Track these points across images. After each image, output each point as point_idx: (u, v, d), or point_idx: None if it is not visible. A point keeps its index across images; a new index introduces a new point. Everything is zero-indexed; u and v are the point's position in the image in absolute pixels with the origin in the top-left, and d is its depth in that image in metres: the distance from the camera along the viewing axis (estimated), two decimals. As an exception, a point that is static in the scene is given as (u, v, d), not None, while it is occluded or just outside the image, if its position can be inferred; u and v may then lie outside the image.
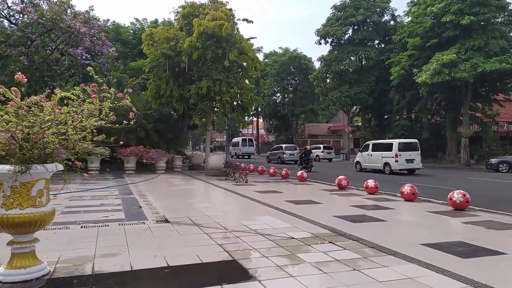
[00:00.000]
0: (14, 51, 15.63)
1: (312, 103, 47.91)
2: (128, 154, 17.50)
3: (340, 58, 33.99)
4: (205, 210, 7.67)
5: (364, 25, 34.43)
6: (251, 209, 8.02)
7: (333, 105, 38.89)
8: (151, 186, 12.34)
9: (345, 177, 12.31)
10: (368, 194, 10.80)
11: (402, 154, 19.91)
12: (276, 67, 47.75)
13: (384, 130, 35.88)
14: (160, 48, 17.33)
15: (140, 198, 9.37)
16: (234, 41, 17.61)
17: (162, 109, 20.02)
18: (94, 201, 8.64)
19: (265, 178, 16.19)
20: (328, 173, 19.57)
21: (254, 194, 10.49)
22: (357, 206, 8.45)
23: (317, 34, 35.47)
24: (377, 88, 33.64)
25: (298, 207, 8.29)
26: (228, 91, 17.32)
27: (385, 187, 12.06)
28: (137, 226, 6.03)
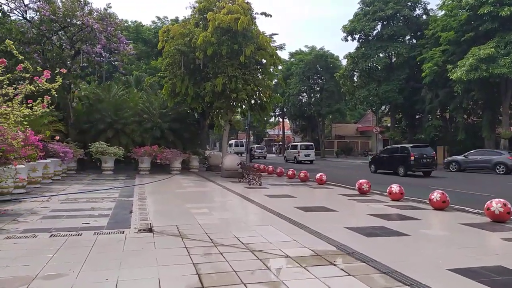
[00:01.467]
0: (28, 49, 15.45)
1: (339, 102, 46.19)
2: (142, 154, 17.00)
3: (367, 55, 32.35)
4: (201, 217, 6.82)
5: (394, 20, 32.62)
6: (253, 216, 7.11)
7: (360, 105, 37.14)
8: (157, 188, 11.66)
9: (367, 181, 11.13)
10: (392, 200, 9.62)
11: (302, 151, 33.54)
12: (302, 66, 46.38)
13: (415, 131, 33.90)
14: (174, 44, 16.72)
15: (138, 201, 8.66)
16: (250, 35, 16.75)
17: (178, 108, 19.44)
18: (86, 204, 7.99)
19: (282, 181, 15.22)
20: (352, 175, 18.30)
21: (263, 199, 9.55)
22: (376, 215, 7.33)
23: (343, 31, 33.98)
24: (408, 86, 31.76)
25: (307, 215, 7.29)
26: (245, 88, 16.47)
27: (413, 193, 10.80)
28: (112, 237, 5.25)
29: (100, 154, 16.41)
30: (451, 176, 19.85)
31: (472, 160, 22.51)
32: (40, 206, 7.65)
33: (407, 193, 10.02)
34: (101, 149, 16.32)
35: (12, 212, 6.84)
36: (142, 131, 18.42)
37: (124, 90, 20.91)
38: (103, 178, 14.34)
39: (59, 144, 13.12)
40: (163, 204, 8.40)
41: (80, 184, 11.94)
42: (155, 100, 20.04)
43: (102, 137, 17.48)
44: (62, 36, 17.64)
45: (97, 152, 16.34)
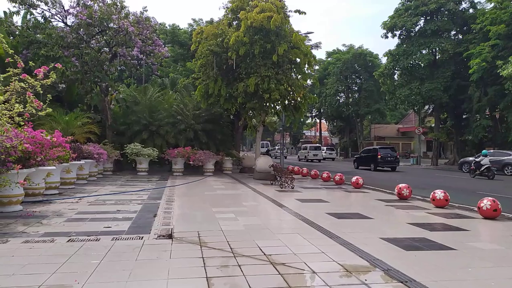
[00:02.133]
0: (66, 53, 15.92)
1: (378, 102, 44.56)
2: (175, 155, 17.03)
3: (409, 52, 30.75)
4: (225, 222, 6.48)
5: (438, 15, 30.81)
6: (280, 223, 6.67)
7: (401, 104, 35.42)
8: (187, 190, 11.50)
9: (407, 185, 10.34)
10: (435, 207, 8.83)
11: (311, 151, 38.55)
12: (339, 65, 45.20)
13: (462, 132, 31.83)
14: (207, 45, 16.60)
15: (165, 203, 8.48)
16: (284, 34, 16.30)
17: (211, 109, 19.34)
18: (113, 207, 7.90)
19: (316, 184, 14.63)
20: (390, 179, 17.35)
21: (294, 204, 9.08)
22: (417, 225, 6.65)
23: (383, 27, 32.55)
24: (453, 84, 29.86)
25: (339, 223, 6.75)
26: (278, 88, 16.02)
27: (459, 199, 9.90)
28: (129, 243, 5.02)
29: (135, 155, 16.61)
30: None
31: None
32: (68, 208, 7.65)
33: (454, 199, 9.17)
34: (136, 150, 16.52)
35: (38, 214, 6.85)
36: (176, 132, 18.47)
37: (160, 92, 21.14)
38: (137, 179, 14.45)
39: (94, 145, 13.35)
40: (189, 208, 8.16)
41: (113, 186, 12.03)
42: (189, 101, 20.06)
43: (138, 139, 17.72)
44: (100, 40, 18.07)
45: (132, 154, 16.55)
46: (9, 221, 6.19)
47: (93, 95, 17.29)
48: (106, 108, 17.90)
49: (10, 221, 6.15)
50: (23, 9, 16.44)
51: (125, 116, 18.80)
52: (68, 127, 11.47)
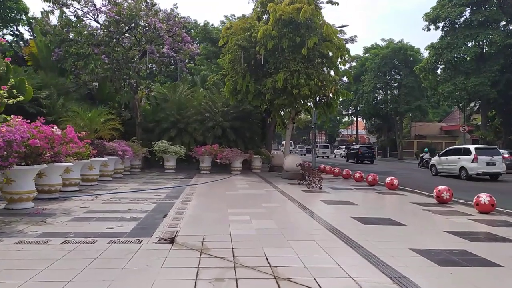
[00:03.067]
0: (97, 50, 16.04)
1: (419, 99, 42.20)
2: (202, 153, 16.73)
3: (453, 44, 28.68)
4: (237, 225, 5.95)
5: (486, 4, 28.53)
6: (298, 228, 6.02)
7: (445, 101, 33.17)
8: (209, 189, 11.09)
9: (447, 187, 9.31)
10: (479, 213, 7.81)
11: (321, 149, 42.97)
12: (377, 61, 43.27)
13: (511, 130, 29.37)
14: (235, 40, 16.14)
15: (181, 203, 8.08)
16: (314, 26, 15.51)
17: (240, 106, 18.89)
18: (126, 205, 7.59)
19: (347, 184, 13.77)
20: (430, 181, 16.08)
21: (318, 206, 8.39)
22: (456, 234, 5.78)
23: (425, 19, 30.59)
24: (503, 78, 27.51)
25: (365, 229, 6.00)
26: (308, 84, 15.24)
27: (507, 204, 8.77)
28: (125, 247, 4.60)
29: (162, 152, 16.49)
30: None
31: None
32: (80, 206, 7.42)
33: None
34: (163, 147, 16.38)
35: (47, 212, 6.63)
36: (204, 130, 18.20)
37: (189, 90, 20.99)
38: (162, 177, 14.26)
39: (119, 142, 13.28)
40: (204, 208, 7.69)
41: (136, 183, 11.85)
42: (218, 98, 19.74)
43: (166, 136, 17.61)
44: (131, 37, 18.14)
45: (159, 151, 16.44)
46: (14, 218, 5.99)
47: (123, 92, 17.35)
48: (136, 106, 17.92)
49: (15, 219, 5.95)
50: (56, 8, 16.74)
51: (154, 114, 18.76)
52: (91, 124, 11.39)
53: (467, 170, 17.42)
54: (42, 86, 14.21)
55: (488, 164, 17.21)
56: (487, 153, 17.81)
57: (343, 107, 57.01)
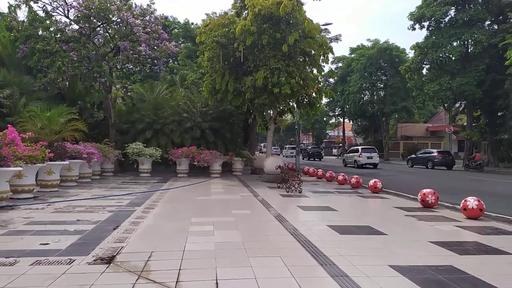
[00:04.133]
0: (65, 47, 15.11)
1: (405, 100, 41.99)
2: (179, 155, 15.92)
3: (439, 44, 28.34)
4: (196, 238, 5.20)
5: (471, 3, 28.28)
6: (265, 240, 5.28)
7: (430, 101, 32.84)
8: (180, 194, 10.29)
9: (433, 191, 8.70)
10: (467, 218, 7.21)
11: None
12: (363, 62, 42.94)
13: (496, 130, 29.17)
14: (212, 36, 15.37)
15: (141, 211, 7.29)
16: (295, 22, 14.86)
17: (220, 106, 18.14)
18: (77, 215, 6.76)
19: (330, 187, 13.13)
20: (415, 181, 15.56)
21: (294, 213, 7.70)
22: (443, 244, 5.13)
23: (410, 18, 30.21)
24: (488, 78, 27.28)
25: (341, 241, 5.31)
26: (289, 82, 14.55)
27: (496, 208, 8.20)
28: (48, 270, 3.81)
29: (136, 155, 15.62)
30: None
31: (419, 157, 29.90)
32: (24, 216, 6.57)
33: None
34: (137, 150, 15.52)
35: (-21, 224, 5.78)
36: (182, 131, 17.37)
37: (168, 89, 20.15)
38: (135, 181, 13.41)
39: (84, 144, 12.40)
40: (166, 217, 6.90)
41: (102, 189, 10.98)
42: (197, 98, 18.95)
43: (141, 138, 16.75)
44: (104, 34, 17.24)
45: (133, 154, 15.57)
46: None
47: (94, 92, 16.43)
48: (110, 106, 17.02)
49: None
50: (23, 3, 15.75)
51: (129, 114, 17.90)
52: (50, 124, 10.49)
53: (357, 162, 28.07)
54: (3, 85, 13.24)
55: (368, 158, 27.89)
56: (369, 151, 28.71)
57: (330, 108, 56.70)
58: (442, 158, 27.72)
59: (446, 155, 28.24)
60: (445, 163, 27.56)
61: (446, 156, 28.08)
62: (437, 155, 28.32)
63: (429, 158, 28.52)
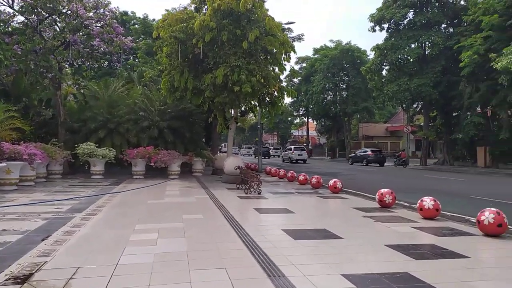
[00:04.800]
0: (8, 39, 13.92)
1: (366, 101, 42.96)
2: (135, 156, 15.12)
3: (398, 46, 29.08)
4: (134, 249, 4.69)
5: (428, 6, 29.23)
6: (212, 249, 4.82)
7: (389, 101, 33.73)
8: (129, 198, 9.63)
9: (390, 190, 8.61)
10: (424, 218, 7.12)
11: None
12: (326, 62, 43.49)
13: (452, 130, 30.35)
14: (169, 31, 14.70)
15: (81, 218, 6.63)
16: (256, 18, 14.50)
17: (180, 105, 17.47)
18: (5, 224, 6.03)
19: (291, 187, 12.89)
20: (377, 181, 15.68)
21: (250, 216, 7.32)
22: (399, 248, 4.91)
23: (370, 20, 30.84)
24: (444, 80, 28.32)
25: (295, 247, 4.97)
26: (250, 80, 14.15)
27: (452, 206, 8.22)
28: None
29: (87, 156, 14.65)
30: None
31: (357, 155, 33.27)
32: None
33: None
34: (88, 150, 14.55)
35: None
36: (138, 130, 16.54)
37: (124, 87, 19.20)
38: (84, 184, 12.53)
39: (26, 145, 11.41)
40: (107, 225, 6.29)
41: (45, 193, 10.10)
42: (156, 96, 18.17)
43: (94, 137, 15.74)
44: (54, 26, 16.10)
45: (84, 154, 14.59)
46: None
47: (40, 88, 15.30)
48: (59, 103, 15.92)
49: None
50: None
51: (81, 112, 16.82)
52: (-15, 122, 9.51)
53: (290, 158, 35.51)
54: None
55: (299, 155, 35.47)
56: (299, 149, 36.87)
57: (294, 108, 57.04)
58: (374, 156, 31.21)
59: (378, 153, 31.87)
60: (377, 160, 30.97)
61: (378, 154, 31.66)
62: (370, 154, 31.76)
63: (364, 156, 31.93)
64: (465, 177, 19.15)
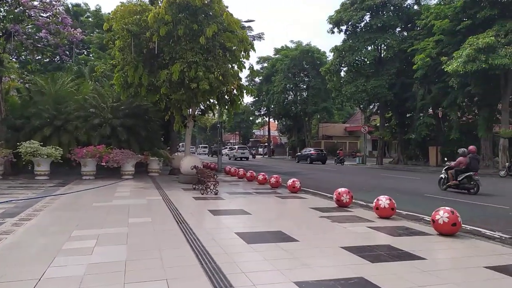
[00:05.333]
0: None
1: (326, 101, 43.67)
2: (84, 155, 14.17)
3: (355, 48, 29.71)
4: (65, 259, 4.15)
5: (384, 10, 30.08)
6: (155, 257, 4.38)
7: (347, 102, 34.46)
8: (73, 200, 8.90)
9: (347, 190, 8.51)
10: (379, 218, 7.05)
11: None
12: (287, 62, 43.74)
13: (405, 130, 31.49)
14: (122, 23, 13.91)
15: (12, 224, 5.93)
16: (214, 13, 14.06)
17: (134, 102, 16.66)
18: None
19: (250, 187, 12.59)
20: (335, 179, 15.77)
21: (203, 218, 6.91)
22: (355, 250, 4.72)
23: (329, 21, 31.28)
24: (398, 81, 29.28)
25: (247, 251, 4.64)
26: (207, 77, 13.67)
27: (406, 204, 8.25)
28: None
29: (31, 155, 13.54)
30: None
31: (302, 154, 36.35)
32: None
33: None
34: (31, 149, 13.46)
35: None
36: (89, 128, 15.57)
37: (74, 81, 18.04)
38: (25, 186, 11.54)
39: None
40: (39, 232, 5.63)
41: (-23, 195, 9.12)
42: (109, 92, 17.22)
43: (38, 135, 14.61)
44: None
45: (27, 153, 13.48)
46: None
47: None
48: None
49: None
50: None
51: (24, 109, 15.58)
52: None
53: (235, 156, 40.69)
54: None
55: (242, 153, 41.20)
56: (242, 148, 43.40)
57: (256, 107, 56.94)
58: (317, 155, 34.47)
59: (320, 152, 35.40)
60: (320, 159, 34.18)
61: (319, 153, 35.09)
62: (313, 153, 34.99)
63: (308, 155, 35.02)
64: (418, 176, 19.78)
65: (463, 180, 11.82)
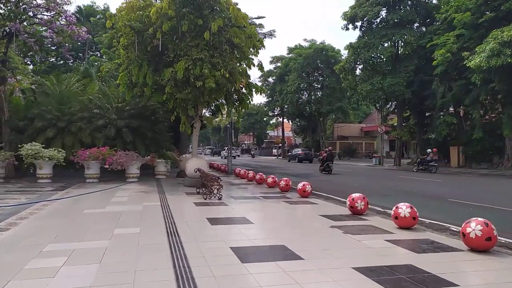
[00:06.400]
0: None
1: (341, 100, 42.55)
2: (87, 157, 13.69)
3: (371, 44, 28.59)
4: (16, 286, 3.47)
5: (401, 4, 28.86)
6: (125, 283, 3.67)
7: (363, 100, 33.28)
8: (67, 206, 8.31)
9: (362, 195, 7.65)
10: (399, 228, 6.20)
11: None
12: (300, 61, 42.80)
13: (425, 130, 30.16)
14: (125, 20, 13.37)
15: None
16: (219, 7, 13.38)
17: (140, 102, 16.13)
18: None
19: (258, 191, 11.83)
20: (350, 182, 14.87)
21: (198, 228, 6.18)
22: (370, 272, 3.90)
23: (344, 18, 30.27)
24: (417, 79, 28.02)
25: (239, 274, 3.88)
26: (213, 74, 12.99)
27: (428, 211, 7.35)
28: None
29: (32, 158, 13.12)
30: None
31: (292, 154, 39.97)
32: None
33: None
34: (33, 151, 13.03)
35: None
36: (93, 129, 15.10)
37: (81, 82, 17.65)
38: (23, 190, 11.08)
39: None
40: (9, 245, 4.98)
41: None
42: (115, 92, 16.74)
43: (41, 137, 14.23)
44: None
45: (28, 156, 13.06)
46: None
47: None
48: (2, 100, 14.32)
49: None
50: None
51: (27, 110, 15.22)
52: None
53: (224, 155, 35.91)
54: None
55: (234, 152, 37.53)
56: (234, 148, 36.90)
57: (269, 108, 56.17)
58: (304, 155, 38.05)
59: (307, 152, 39.11)
60: (307, 158, 37.61)
61: (307, 153, 38.71)
62: (301, 153, 38.81)
63: (296, 155, 38.79)
64: (439, 178, 18.66)
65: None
